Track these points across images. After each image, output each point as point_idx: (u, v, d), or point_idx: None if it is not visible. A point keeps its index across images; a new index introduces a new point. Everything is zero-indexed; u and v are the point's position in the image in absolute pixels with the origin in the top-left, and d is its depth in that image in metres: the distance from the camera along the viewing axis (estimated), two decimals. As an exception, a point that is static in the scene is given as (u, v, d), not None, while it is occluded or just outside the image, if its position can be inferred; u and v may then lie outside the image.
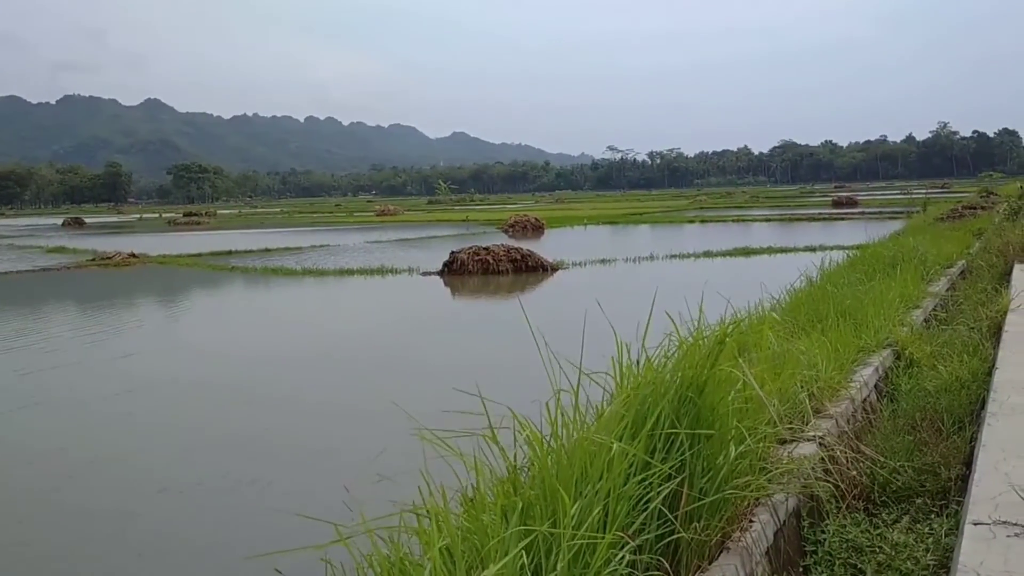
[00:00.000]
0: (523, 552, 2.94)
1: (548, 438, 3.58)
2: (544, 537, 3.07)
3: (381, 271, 26.60)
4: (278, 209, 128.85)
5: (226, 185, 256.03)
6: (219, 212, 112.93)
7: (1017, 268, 13.94)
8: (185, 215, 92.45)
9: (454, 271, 25.17)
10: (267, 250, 37.68)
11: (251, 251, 37.35)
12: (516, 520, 3.02)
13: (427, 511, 3.12)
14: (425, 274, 25.66)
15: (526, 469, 3.66)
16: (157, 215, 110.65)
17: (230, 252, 36.91)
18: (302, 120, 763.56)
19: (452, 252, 26.09)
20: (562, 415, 3.64)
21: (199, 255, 35.76)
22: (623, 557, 3.17)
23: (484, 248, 26.03)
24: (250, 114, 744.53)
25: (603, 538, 3.10)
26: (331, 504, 3.94)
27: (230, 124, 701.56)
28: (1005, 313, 9.34)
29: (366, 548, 3.08)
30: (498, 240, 31.63)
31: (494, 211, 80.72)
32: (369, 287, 23.97)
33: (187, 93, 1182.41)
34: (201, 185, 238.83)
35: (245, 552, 5.32)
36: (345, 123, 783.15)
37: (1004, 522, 3.73)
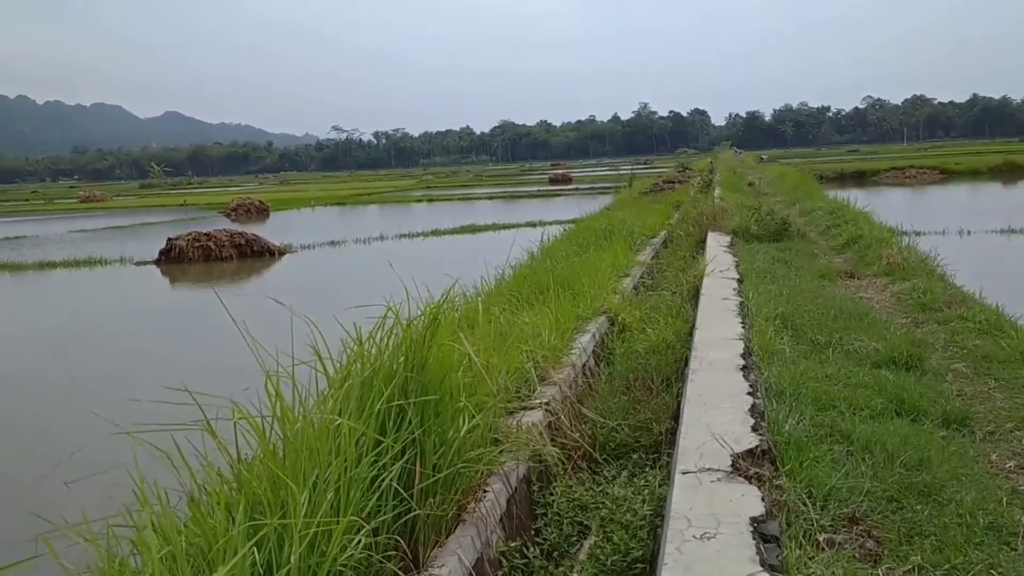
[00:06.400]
0: (254, 549, 2.80)
1: (271, 426, 3.40)
2: (276, 530, 2.94)
3: (89, 263, 24.36)
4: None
5: None
6: None
7: (711, 236, 15.40)
8: None
9: (172, 259, 23.65)
10: (-53, 244, 33.00)
11: (-74, 245, 32.54)
12: (242, 516, 2.85)
13: (145, 518, 2.85)
14: (139, 264, 23.86)
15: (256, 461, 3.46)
16: None
17: None
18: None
19: (169, 239, 24.50)
20: (282, 402, 3.47)
21: None
22: (359, 541, 3.12)
23: (205, 234, 24.73)
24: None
25: (337, 524, 3.02)
26: (23, 521, 3.46)
27: None
28: (701, 277, 10.21)
29: (78, 564, 2.80)
30: (220, 225, 30.04)
31: (215, 194, 77.32)
32: (75, 281, 21.80)
33: None
34: None
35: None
36: (40, 102, 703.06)
37: (708, 468, 4.06)
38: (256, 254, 24.42)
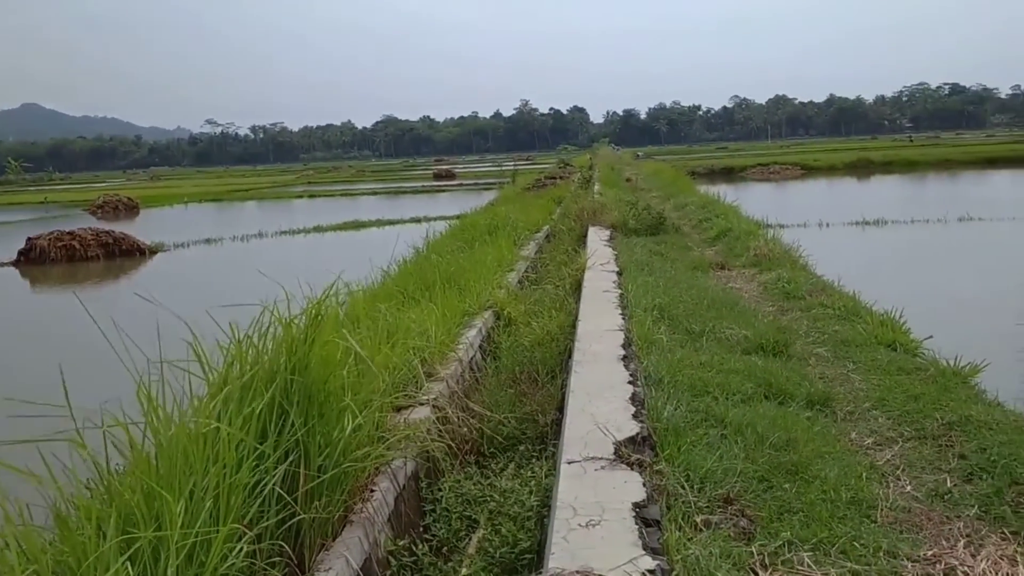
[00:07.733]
0: (127, 564, 2.72)
1: (144, 434, 3.29)
2: (151, 543, 2.85)
3: (-62, 265, 22.75)
4: None
5: None
6: None
7: (591, 231, 15.71)
8: None
9: (32, 260, 22.44)
10: None
11: None
12: (114, 530, 2.76)
13: (6, 537, 2.72)
14: (-5, 265, 22.45)
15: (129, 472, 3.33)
16: None
17: None
18: None
19: (29, 239, 23.24)
20: (154, 409, 3.36)
21: None
22: (241, 549, 3.06)
23: (68, 232, 23.57)
24: None
25: (217, 533, 2.96)
26: None
27: None
28: (583, 271, 10.41)
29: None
30: (85, 223, 28.67)
31: (79, 191, 73.71)
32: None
33: None
34: None
35: None
36: None
37: (592, 457, 4.17)
38: (125, 253, 23.42)
